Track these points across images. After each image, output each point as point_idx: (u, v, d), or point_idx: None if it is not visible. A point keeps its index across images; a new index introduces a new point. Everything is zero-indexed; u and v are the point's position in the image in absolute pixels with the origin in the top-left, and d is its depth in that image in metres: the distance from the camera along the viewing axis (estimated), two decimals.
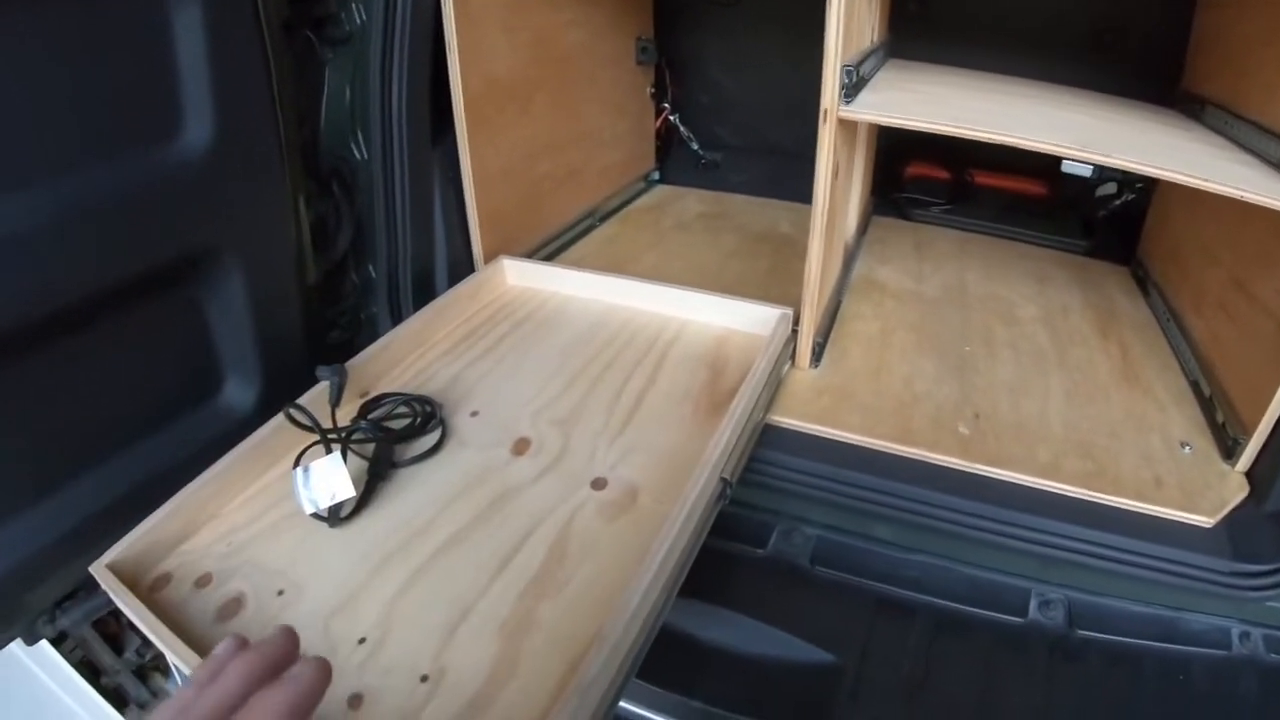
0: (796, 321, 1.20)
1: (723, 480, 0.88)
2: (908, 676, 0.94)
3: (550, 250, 1.59)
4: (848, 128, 1.14)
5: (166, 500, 0.84)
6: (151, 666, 1.42)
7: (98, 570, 0.78)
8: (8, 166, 0.81)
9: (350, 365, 1.04)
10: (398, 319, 1.27)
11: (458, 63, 1.21)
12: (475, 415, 1.05)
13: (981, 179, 1.90)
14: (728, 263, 1.61)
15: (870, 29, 1.27)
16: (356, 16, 1.21)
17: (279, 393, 0.99)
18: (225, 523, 0.87)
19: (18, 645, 0.99)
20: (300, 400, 0.96)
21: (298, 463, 0.90)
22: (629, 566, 0.77)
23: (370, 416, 1.00)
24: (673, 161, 2.11)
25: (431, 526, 0.87)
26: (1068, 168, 1.58)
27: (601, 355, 1.17)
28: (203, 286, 1.03)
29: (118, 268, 0.92)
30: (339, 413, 0.97)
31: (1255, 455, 1.06)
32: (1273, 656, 0.95)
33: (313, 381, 1.00)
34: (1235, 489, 1.05)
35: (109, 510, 0.95)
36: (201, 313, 1.05)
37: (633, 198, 1.94)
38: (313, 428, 0.92)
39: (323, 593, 0.79)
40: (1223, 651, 0.96)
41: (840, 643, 0.97)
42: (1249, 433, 1.04)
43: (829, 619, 1.00)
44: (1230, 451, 1.09)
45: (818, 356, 1.25)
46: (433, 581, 0.81)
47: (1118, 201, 1.76)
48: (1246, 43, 1.28)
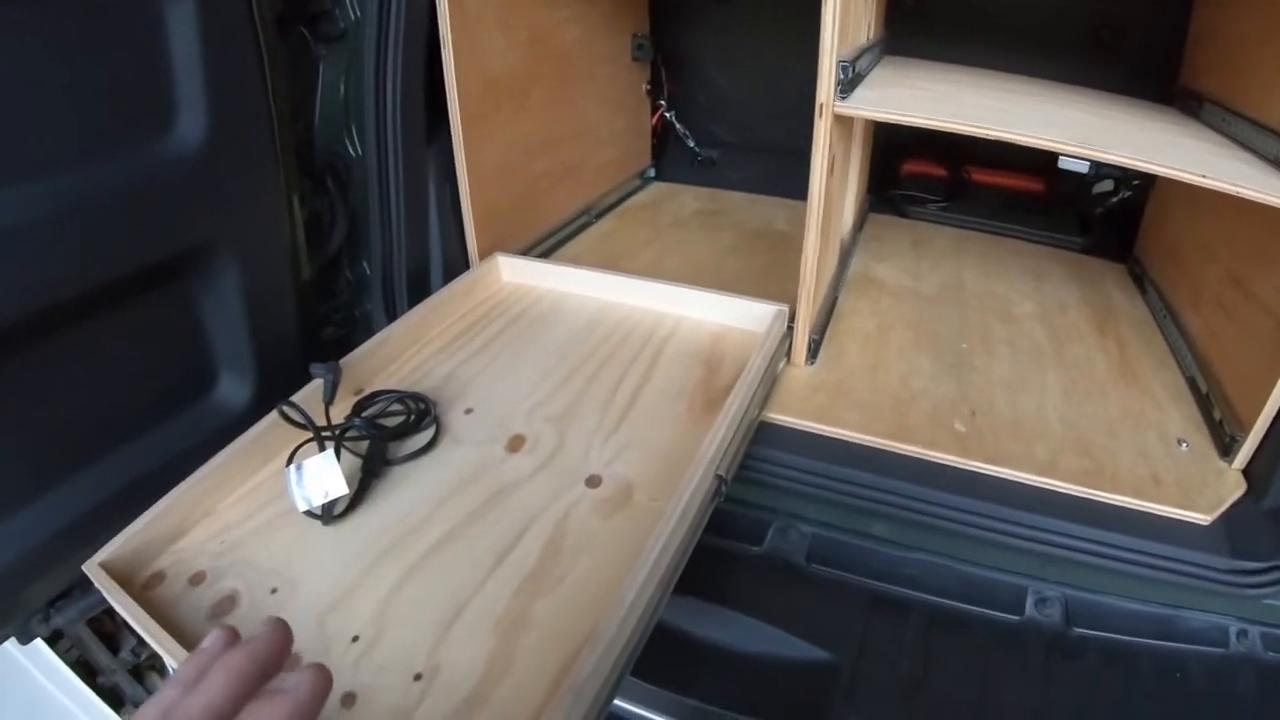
0: (792, 318, 1.20)
1: (718, 477, 0.88)
2: (904, 675, 0.94)
3: (546, 247, 1.59)
4: (843, 123, 1.14)
5: (160, 498, 0.84)
6: (147, 666, 1.41)
7: (91, 569, 0.77)
8: (1, 162, 0.80)
9: (344, 362, 1.04)
10: (392, 316, 1.27)
11: (452, 59, 1.21)
12: (470, 412, 1.05)
13: (978, 176, 1.89)
14: (724, 260, 1.61)
15: (866, 25, 1.27)
16: (351, 12, 1.20)
17: (273, 390, 0.98)
18: (219, 520, 0.87)
19: (12, 644, 0.98)
20: (294, 397, 0.95)
21: (291, 460, 0.89)
22: (624, 564, 0.77)
23: (364, 414, 1.00)
24: (669, 159, 2.11)
25: (425, 524, 0.87)
26: (1064, 164, 1.59)
27: (597, 352, 1.17)
28: (197, 283, 1.03)
29: (111, 264, 0.91)
30: (333, 410, 0.97)
31: (1252, 452, 1.06)
32: (1270, 654, 0.95)
33: (307, 378, 0.99)
34: (1232, 486, 1.05)
35: (102, 508, 0.94)
36: (195, 309, 1.04)
37: (629, 195, 1.94)
38: (306, 425, 0.92)
39: (316, 590, 0.79)
40: (1220, 649, 0.96)
41: (836, 641, 0.97)
42: (1246, 430, 1.04)
43: (825, 617, 1.00)
44: (1227, 449, 1.09)
45: (814, 353, 1.25)
46: (427, 579, 0.80)
47: (1115, 199, 1.76)
48: (1244, 41, 1.28)
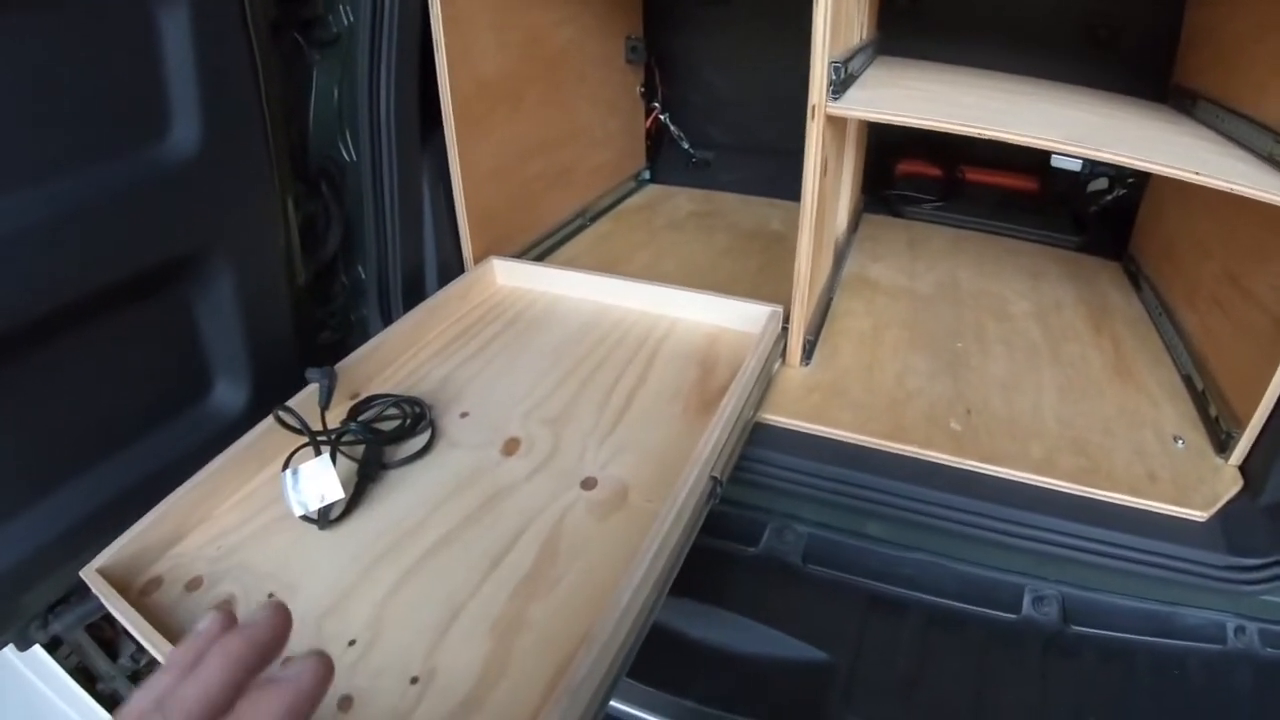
0: (787, 319, 1.20)
1: (713, 479, 0.88)
2: (901, 674, 0.94)
3: (541, 250, 1.59)
4: (836, 124, 1.14)
5: (156, 503, 0.84)
6: (147, 671, 1.41)
7: (88, 575, 0.77)
8: None
9: (340, 367, 1.04)
10: (388, 320, 1.27)
11: (445, 63, 1.21)
12: (465, 416, 1.05)
13: (973, 175, 1.90)
14: (719, 261, 1.61)
15: (859, 26, 1.27)
16: (344, 18, 1.20)
17: (269, 395, 0.98)
18: (216, 525, 0.87)
19: (11, 651, 0.98)
20: (290, 402, 0.95)
21: (287, 465, 0.89)
22: (619, 566, 0.77)
23: (360, 418, 1.00)
24: (663, 160, 2.11)
25: (422, 527, 0.87)
26: (1057, 162, 1.59)
27: (592, 355, 1.17)
28: (192, 289, 1.03)
29: (106, 270, 0.91)
30: (329, 414, 0.97)
31: (1249, 449, 1.06)
32: (1268, 650, 0.96)
33: (303, 383, 0.99)
34: (1229, 483, 1.05)
35: (99, 514, 0.94)
36: (191, 315, 1.04)
37: (624, 197, 1.94)
38: (302, 430, 0.92)
39: (313, 594, 0.79)
40: (1218, 646, 0.97)
41: (833, 641, 0.97)
42: (1242, 426, 1.04)
43: (822, 617, 1.00)
44: (1224, 445, 1.09)
45: (809, 354, 1.25)
46: (423, 582, 0.80)
47: (1109, 197, 1.76)
48: (1238, 40, 1.28)
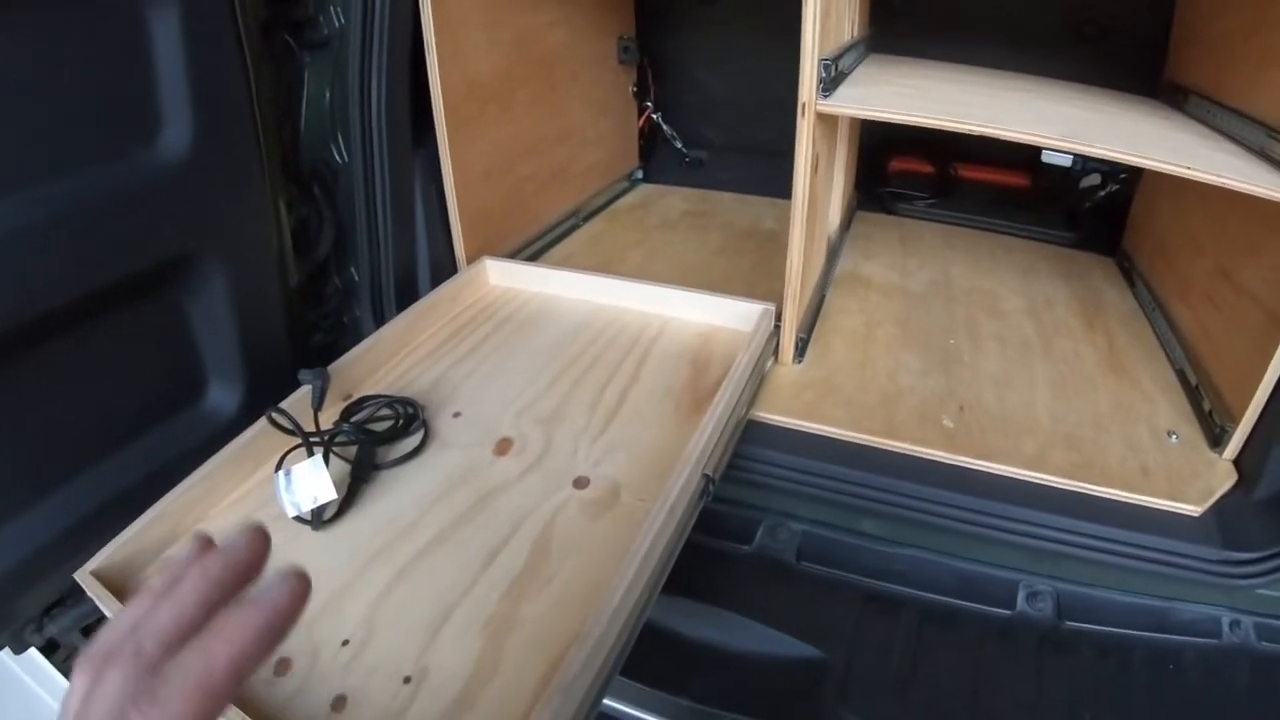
0: (779, 317, 1.20)
1: (705, 477, 0.88)
2: (896, 671, 0.94)
3: (535, 250, 1.59)
4: (827, 122, 1.14)
5: (151, 505, 0.84)
6: None
7: (82, 577, 0.77)
8: None
9: (333, 368, 1.04)
10: (380, 321, 1.27)
11: (437, 64, 1.21)
12: (458, 416, 1.05)
13: (966, 172, 1.90)
14: (713, 260, 1.61)
15: (850, 24, 1.27)
16: (335, 19, 1.20)
17: (262, 397, 0.98)
18: (209, 527, 0.87)
19: (6, 654, 0.98)
20: (283, 404, 0.95)
21: (279, 466, 0.89)
22: (611, 564, 0.77)
23: (353, 419, 1.00)
24: (657, 160, 2.11)
25: (414, 528, 0.87)
26: (1047, 158, 1.59)
27: (585, 354, 1.17)
28: (184, 291, 1.03)
29: (98, 273, 0.91)
30: (322, 416, 0.97)
31: (1243, 443, 1.06)
32: (1264, 644, 0.95)
33: (296, 385, 0.99)
34: (1223, 477, 1.05)
35: (93, 516, 0.94)
36: (184, 317, 1.04)
37: (617, 197, 1.94)
38: (295, 431, 0.92)
39: None
40: (1213, 640, 0.96)
41: (828, 638, 0.97)
42: (1236, 420, 1.05)
43: (816, 614, 1.00)
44: (1217, 440, 1.09)
45: (801, 352, 1.25)
46: (416, 582, 0.80)
47: (1102, 193, 1.76)
48: (1229, 35, 1.28)
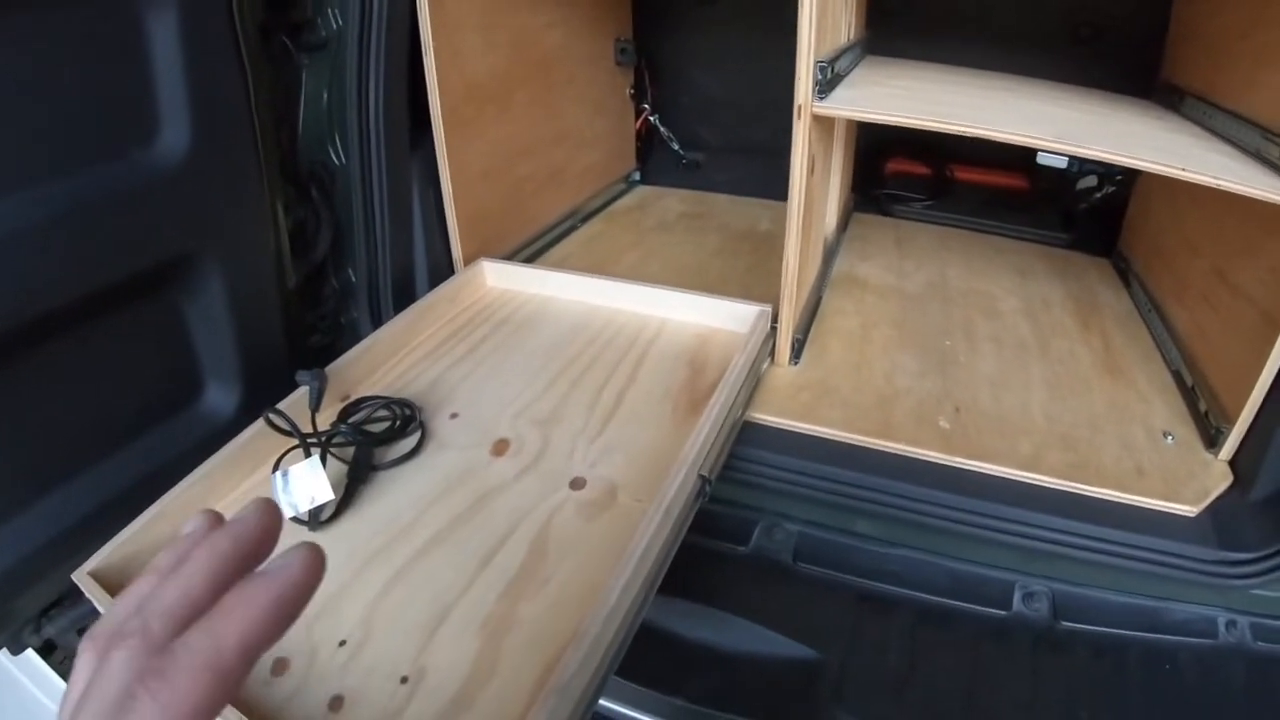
0: (775, 318, 1.20)
1: (701, 478, 0.88)
2: (892, 671, 0.94)
3: (532, 251, 1.59)
4: (823, 123, 1.14)
5: (148, 506, 0.84)
6: None
7: (80, 578, 0.77)
8: None
9: (330, 369, 1.04)
10: (378, 322, 1.27)
11: (434, 66, 1.21)
12: (455, 417, 1.05)
13: (962, 174, 1.90)
14: (709, 261, 1.61)
15: (846, 26, 1.27)
16: (333, 21, 1.20)
17: (260, 398, 0.98)
18: None
19: (4, 655, 0.98)
20: (281, 405, 0.95)
21: (277, 467, 0.89)
22: (608, 565, 0.77)
23: (350, 420, 1.00)
24: (654, 162, 2.12)
25: (411, 528, 0.87)
26: (1042, 159, 1.58)
27: (582, 355, 1.17)
28: (182, 293, 1.03)
29: (95, 274, 0.91)
30: (319, 417, 0.97)
31: (1238, 444, 1.06)
32: (1260, 644, 0.95)
33: (293, 386, 0.99)
34: (1219, 478, 1.05)
35: (91, 517, 0.94)
36: (181, 319, 1.04)
37: (614, 198, 1.94)
38: (292, 432, 0.92)
39: None
40: (1209, 640, 0.96)
41: (824, 639, 0.97)
42: (1232, 421, 1.05)
43: (812, 615, 1.00)
44: (1213, 440, 1.09)
45: (797, 353, 1.25)
46: (413, 583, 0.80)
47: (1098, 194, 1.76)
48: (1224, 36, 1.28)
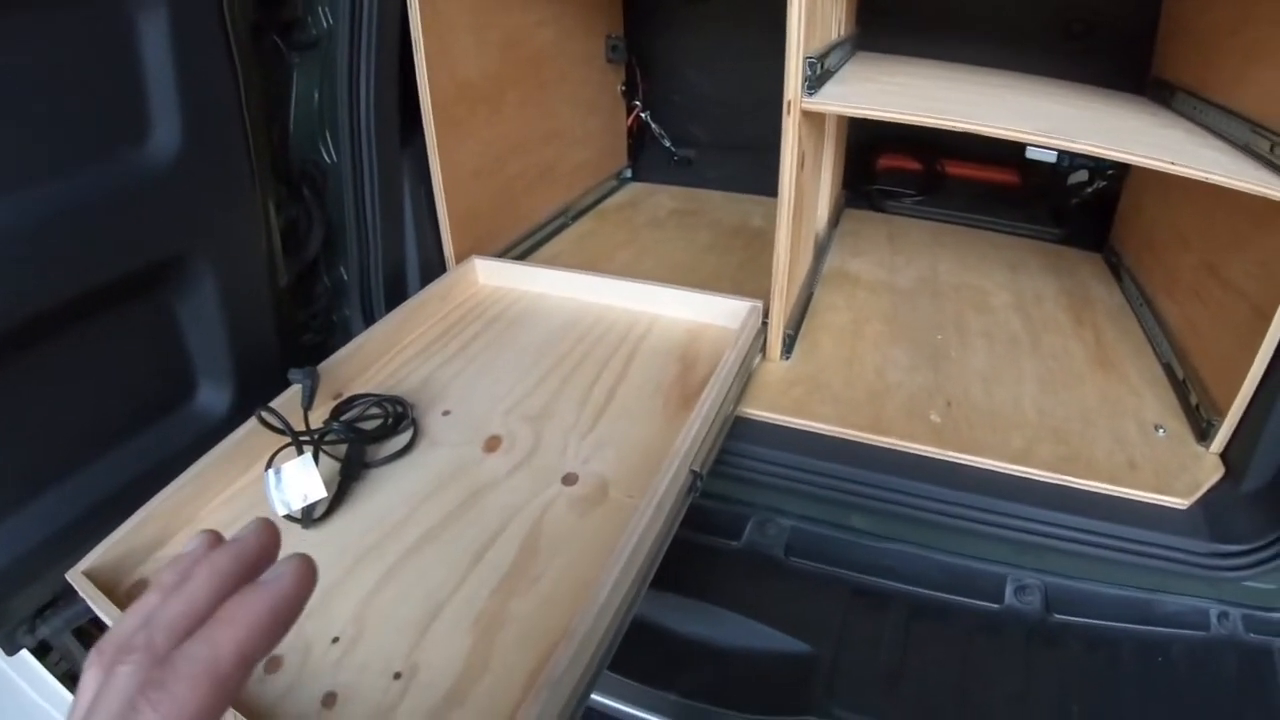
0: (767, 314, 1.20)
1: (693, 473, 0.88)
2: (885, 665, 0.94)
3: (524, 249, 1.59)
4: (813, 119, 1.15)
5: (142, 506, 0.84)
6: None
7: (74, 577, 0.77)
8: None
9: (322, 367, 1.04)
10: (370, 321, 1.27)
11: (425, 64, 1.21)
12: (447, 414, 1.05)
13: (954, 169, 1.90)
14: (701, 258, 1.61)
15: (836, 22, 1.27)
16: (323, 20, 1.20)
17: (252, 396, 0.98)
18: (201, 527, 0.86)
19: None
20: (273, 403, 0.95)
21: (269, 465, 0.90)
22: (600, 560, 0.77)
23: (342, 418, 1.00)
24: (645, 159, 2.11)
25: (404, 525, 0.87)
26: (1031, 154, 1.60)
27: (573, 352, 1.17)
28: (174, 292, 1.03)
29: (87, 275, 0.91)
30: (312, 415, 0.97)
31: (1229, 436, 1.06)
32: (1252, 636, 0.96)
33: (286, 384, 1.00)
34: (1210, 470, 1.05)
35: (84, 516, 0.94)
36: (173, 318, 1.04)
37: (605, 196, 1.94)
38: (284, 430, 0.92)
39: None
40: (1201, 632, 0.97)
41: (817, 633, 0.97)
42: (1223, 414, 1.05)
43: (805, 609, 1.00)
44: (1204, 433, 1.09)
45: (789, 348, 1.25)
46: (405, 579, 0.80)
47: (1090, 189, 1.76)
48: (1214, 32, 1.29)
